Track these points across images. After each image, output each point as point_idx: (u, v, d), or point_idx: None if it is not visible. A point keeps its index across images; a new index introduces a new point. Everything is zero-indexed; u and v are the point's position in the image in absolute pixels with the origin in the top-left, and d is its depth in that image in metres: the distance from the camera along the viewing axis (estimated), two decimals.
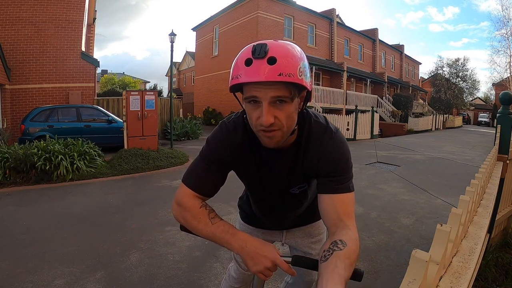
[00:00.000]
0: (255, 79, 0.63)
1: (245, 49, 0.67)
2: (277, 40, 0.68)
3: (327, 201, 0.75)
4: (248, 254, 0.70)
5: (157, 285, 1.99)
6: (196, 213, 0.77)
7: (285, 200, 0.95)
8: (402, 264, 2.28)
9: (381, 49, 22.16)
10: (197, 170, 0.82)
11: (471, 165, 6.58)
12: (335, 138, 0.80)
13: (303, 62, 0.67)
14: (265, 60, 0.62)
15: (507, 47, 21.06)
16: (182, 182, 0.82)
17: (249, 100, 0.68)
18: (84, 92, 9.24)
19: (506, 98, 2.20)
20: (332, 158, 0.78)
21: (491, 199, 1.24)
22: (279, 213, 1.02)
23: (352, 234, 0.68)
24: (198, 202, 0.79)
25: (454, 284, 0.58)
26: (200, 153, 0.84)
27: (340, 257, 0.60)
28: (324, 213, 0.76)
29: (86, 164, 5.12)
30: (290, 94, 0.66)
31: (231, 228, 0.75)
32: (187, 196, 0.79)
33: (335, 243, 0.64)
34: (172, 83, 9.76)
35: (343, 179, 0.78)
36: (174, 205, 0.82)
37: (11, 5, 8.26)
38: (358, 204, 3.73)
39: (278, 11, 14.40)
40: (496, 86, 26.69)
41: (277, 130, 0.69)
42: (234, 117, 0.84)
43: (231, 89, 0.71)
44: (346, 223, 0.71)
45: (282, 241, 1.14)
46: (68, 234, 2.74)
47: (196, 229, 0.77)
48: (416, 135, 14.32)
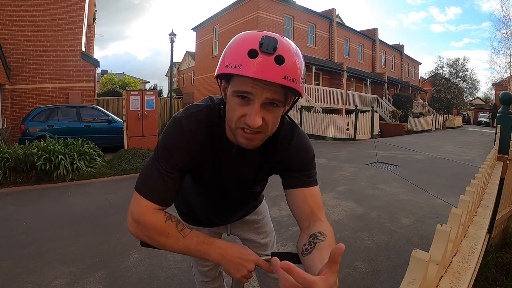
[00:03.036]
0: (257, 75, 0.56)
1: (249, 37, 0.59)
2: (283, 37, 0.61)
3: (299, 195, 0.75)
4: (230, 262, 0.68)
5: (157, 285, 1.99)
6: (162, 229, 0.67)
7: (243, 198, 0.92)
8: (402, 264, 2.28)
9: (381, 49, 22.16)
10: (155, 178, 0.69)
11: (471, 165, 6.58)
12: (301, 134, 0.80)
13: (304, 68, 0.62)
14: (273, 58, 0.56)
15: (507, 47, 21.11)
16: (138, 193, 0.69)
17: (238, 94, 0.61)
18: (84, 92, 9.25)
19: (506, 98, 2.20)
20: (302, 153, 0.78)
21: (491, 199, 1.24)
22: (231, 211, 0.97)
23: (326, 226, 0.69)
24: (162, 215, 0.69)
25: (454, 284, 0.58)
26: (156, 158, 0.70)
27: (324, 248, 0.60)
28: (295, 208, 0.75)
29: (86, 164, 5.12)
30: (285, 99, 0.62)
31: (206, 238, 0.69)
32: (147, 211, 0.68)
33: (315, 236, 0.65)
34: (172, 83, 9.76)
35: (312, 173, 0.79)
36: (132, 223, 0.69)
37: (11, 5, 8.27)
38: (358, 204, 3.73)
39: (278, 11, 14.40)
40: (496, 86, 26.70)
41: (260, 133, 0.64)
42: (194, 112, 0.73)
43: (220, 75, 0.63)
44: (319, 216, 0.72)
45: (228, 233, 1.12)
46: (68, 234, 2.74)
47: (166, 245, 0.68)
48: (416, 135, 14.31)
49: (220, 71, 0.62)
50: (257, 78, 0.56)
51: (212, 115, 0.73)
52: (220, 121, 0.72)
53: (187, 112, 0.73)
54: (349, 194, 4.14)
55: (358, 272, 2.17)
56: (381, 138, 12.53)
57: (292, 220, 3.09)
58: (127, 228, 0.70)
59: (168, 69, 30.55)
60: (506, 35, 20.97)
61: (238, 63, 0.57)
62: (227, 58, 0.60)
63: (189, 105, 0.76)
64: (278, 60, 0.56)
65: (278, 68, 0.56)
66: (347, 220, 3.18)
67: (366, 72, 19.68)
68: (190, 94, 22.36)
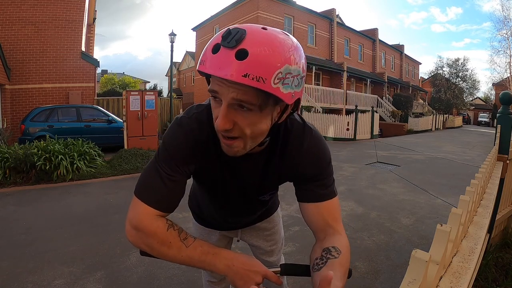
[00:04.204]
0: (215, 72, 0.50)
1: (222, 31, 0.53)
2: (267, 28, 0.52)
3: (313, 210, 0.69)
4: (237, 273, 0.63)
5: (157, 285, 1.99)
6: (163, 237, 0.62)
7: (251, 206, 0.88)
8: (402, 264, 2.28)
9: (381, 49, 22.17)
10: (155, 182, 0.64)
11: (471, 165, 6.58)
12: (315, 137, 0.71)
13: (290, 67, 0.51)
14: (233, 52, 0.48)
15: (507, 47, 21.11)
16: (138, 198, 0.65)
17: (211, 94, 0.56)
18: (84, 92, 9.24)
19: (506, 98, 2.20)
20: (316, 159, 0.70)
21: (491, 199, 1.24)
22: (240, 217, 0.94)
23: (344, 240, 0.65)
24: (163, 223, 0.64)
25: (454, 284, 0.58)
26: (157, 160, 0.66)
27: (336, 266, 0.57)
28: (310, 221, 0.70)
29: (86, 164, 5.11)
30: (258, 101, 0.52)
31: (211, 248, 0.64)
32: (147, 217, 0.63)
33: (328, 251, 0.61)
34: (172, 83, 9.76)
35: (327, 182, 0.70)
36: (131, 231, 0.64)
37: (11, 5, 8.27)
38: (358, 204, 3.73)
39: (278, 11, 14.41)
40: (496, 86, 26.72)
41: (238, 138, 0.57)
42: (196, 112, 0.68)
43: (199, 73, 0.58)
44: (336, 229, 0.68)
45: (238, 238, 1.10)
46: (68, 234, 2.74)
47: (167, 256, 0.63)
48: (416, 135, 14.31)
49: (197, 68, 0.56)
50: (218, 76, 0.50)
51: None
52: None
53: (189, 112, 0.69)
54: (349, 194, 4.14)
55: (358, 272, 2.17)
56: (381, 138, 12.53)
57: (293, 220, 3.08)
58: (126, 236, 0.66)
59: (168, 69, 30.56)
60: (506, 35, 20.99)
61: (203, 58, 0.53)
62: (201, 54, 0.55)
63: (191, 105, 0.72)
64: (239, 54, 0.48)
65: (237, 63, 0.48)
66: (347, 220, 3.18)
67: (366, 72, 19.68)
68: (190, 94, 22.37)
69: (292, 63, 0.51)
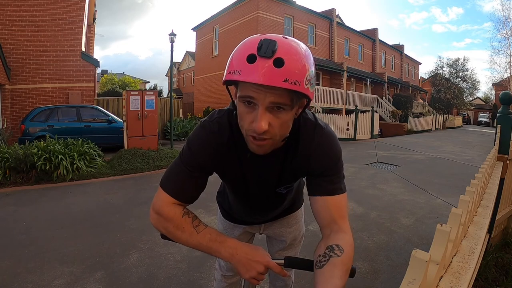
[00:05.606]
0: (256, 80, 0.55)
1: (249, 42, 0.59)
2: (287, 38, 0.60)
3: (320, 203, 0.72)
4: (239, 261, 0.68)
5: (157, 285, 1.99)
6: (178, 222, 0.71)
7: (270, 199, 0.93)
8: (402, 264, 2.28)
9: (381, 49, 22.16)
10: (177, 175, 0.74)
11: (471, 165, 6.58)
12: (326, 134, 0.75)
13: (311, 69, 0.60)
14: (271, 61, 0.55)
15: (507, 47, 21.10)
16: (161, 188, 0.75)
17: (244, 100, 0.61)
18: (84, 92, 9.24)
19: (506, 98, 2.20)
20: (324, 155, 0.74)
21: (491, 199, 1.24)
22: (262, 211, 1.00)
23: (348, 239, 0.67)
24: (180, 210, 0.73)
25: (454, 284, 0.58)
26: (181, 157, 0.75)
27: (337, 265, 0.59)
28: (317, 215, 0.73)
29: (86, 164, 5.12)
30: (291, 102, 0.60)
31: (218, 236, 0.71)
32: (166, 204, 0.73)
33: (331, 249, 0.63)
34: (172, 83, 9.76)
35: (336, 178, 0.75)
36: (153, 215, 0.74)
37: (11, 5, 8.26)
38: (358, 204, 3.73)
39: (278, 11, 14.40)
40: (496, 86, 26.72)
41: (269, 139, 0.63)
42: (218, 117, 0.76)
43: (225, 82, 0.64)
44: (341, 226, 0.70)
45: (260, 232, 1.15)
46: (68, 234, 2.74)
47: (180, 239, 0.72)
48: (416, 135, 14.32)
49: (225, 77, 0.62)
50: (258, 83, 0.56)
51: (233, 118, 0.73)
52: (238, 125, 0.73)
53: (211, 116, 0.77)
54: (349, 194, 4.10)
55: (358, 272, 2.17)
56: (381, 138, 12.53)
57: None
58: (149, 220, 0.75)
59: (168, 69, 30.56)
60: (507, 35, 20.98)
61: (239, 69, 0.58)
62: (230, 65, 0.60)
63: (215, 110, 0.80)
64: (276, 63, 0.55)
65: (277, 71, 0.55)
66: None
67: (366, 72, 19.67)
68: (190, 94, 22.36)
69: (312, 67, 0.61)
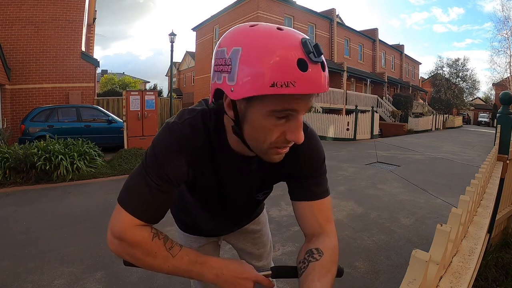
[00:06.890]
0: (311, 90, 0.47)
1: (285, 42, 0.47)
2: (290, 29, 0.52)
3: (306, 208, 0.68)
4: (226, 281, 0.61)
5: (157, 285, 1.99)
6: (148, 247, 0.59)
7: (246, 207, 0.86)
8: (402, 264, 2.28)
9: (381, 49, 22.18)
10: (141, 190, 0.60)
11: (471, 165, 6.58)
12: (311, 133, 0.70)
13: None
14: (319, 65, 0.48)
15: (507, 47, 21.12)
16: (121, 207, 0.60)
17: (282, 114, 0.51)
18: (84, 92, 9.25)
19: (506, 98, 2.20)
20: (312, 155, 0.69)
21: (491, 199, 1.24)
22: (234, 220, 0.91)
23: (329, 242, 0.64)
24: (148, 232, 0.60)
25: (454, 284, 0.58)
26: (144, 167, 0.60)
27: (316, 268, 0.58)
28: (301, 220, 0.69)
29: (86, 164, 5.11)
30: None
31: (198, 257, 0.61)
32: (130, 227, 0.59)
33: (311, 253, 0.61)
34: (172, 83, 9.76)
35: (321, 181, 0.70)
36: (113, 240, 0.60)
37: (11, 5, 8.27)
38: (358, 204, 3.73)
39: (278, 11, 14.41)
40: (496, 86, 26.74)
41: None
42: (189, 117, 0.63)
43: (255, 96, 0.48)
44: (325, 230, 0.67)
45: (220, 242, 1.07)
46: (68, 234, 2.74)
47: (152, 266, 0.60)
48: (416, 135, 14.31)
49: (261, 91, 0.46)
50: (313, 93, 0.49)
51: (209, 119, 0.64)
52: (218, 127, 0.64)
53: (181, 117, 0.63)
54: (349, 194, 4.14)
55: (358, 272, 2.17)
56: (381, 138, 12.53)
57: (293, 220, 3.08)
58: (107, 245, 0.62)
59: (168, 69, 30.56)
60: (507, 35, 21.00)
61: (291, 80, 0.45)
62: (274, 74, 0.45)
63: (183, 109, 0.67)
64: (323, 66, 0.49)
65: (324, 75, 0.49)
66: (347, 220, 3.18)
67: (366, 72, 19.69)
68: (190, 94, 22.37)
69: None
